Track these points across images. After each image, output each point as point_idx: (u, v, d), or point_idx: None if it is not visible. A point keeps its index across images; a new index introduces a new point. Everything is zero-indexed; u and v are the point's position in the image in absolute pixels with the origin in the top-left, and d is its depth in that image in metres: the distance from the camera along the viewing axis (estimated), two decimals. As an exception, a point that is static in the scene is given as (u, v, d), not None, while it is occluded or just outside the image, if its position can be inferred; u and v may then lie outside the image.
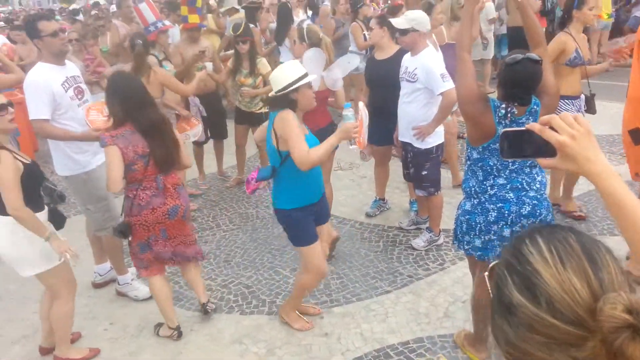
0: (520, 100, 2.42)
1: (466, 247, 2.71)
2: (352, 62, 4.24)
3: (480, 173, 2.60)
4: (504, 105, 2.44)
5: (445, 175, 5.35)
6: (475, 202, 2.63)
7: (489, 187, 2.57)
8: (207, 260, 4.16)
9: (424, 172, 4.05)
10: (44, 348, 3.31)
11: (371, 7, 8.08)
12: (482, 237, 2.62)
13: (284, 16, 6.69)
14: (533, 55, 2.36)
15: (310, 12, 8.96)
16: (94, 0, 8.96)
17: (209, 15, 7.84)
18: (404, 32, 3.81)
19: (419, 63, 3.78)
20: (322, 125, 4.01)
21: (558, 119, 1.03)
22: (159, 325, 3.42)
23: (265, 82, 5.09)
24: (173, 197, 3.11)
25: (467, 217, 2.66)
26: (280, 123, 2.87)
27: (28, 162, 2.87)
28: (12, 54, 7.28)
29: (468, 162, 2.68)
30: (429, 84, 3.75)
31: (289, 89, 2.85)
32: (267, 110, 5.30)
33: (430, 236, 4.24)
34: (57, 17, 10.80)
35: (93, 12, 8.86)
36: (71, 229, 3.66)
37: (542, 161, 1.09)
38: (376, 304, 3.56)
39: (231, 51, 5.74)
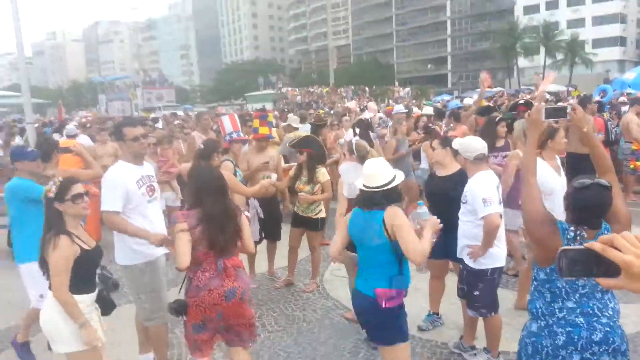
0: (590, 225, 2.35)
1: (531, 371, 2.48)
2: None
3: (548, 295, 2.46)
4: (572, 228, 2.37)
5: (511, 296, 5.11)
6: (543, 324, 2.45)
7: (557, 310, 2.41)
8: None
9: (476, 293, 3.90)
10: None
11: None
12: (549, 362, 2.41)
13: (364, 129, 7.44)
14: (603, 181, 2.33)
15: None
16: (172, 111, 9.93)
17: (274, 130, 8.48)
18: (456, 153, 4.00)
19: (469, 186, 3.85)
20: None
21: (620, 238, 1.00)
22: None
23: (324, 189, 5.33)
24: (231, 279, 3.12)
25: (533, 339, 2.47)
26: (394, 217, 2.89)
27: (89, 247, 3.07)
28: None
29: (535, 283, 2.55)
30: (473, 207, 3.78)
31: (393, 184, 2.99)
32: (323, 216, 5.44)
33: (488, 358, 3.95)
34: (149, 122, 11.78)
35: (177, 122, 9.84)
36: (120, 316, 3.70)
37: (605, 281, 1.04)
38: None
39: (294, 163, 6.15)
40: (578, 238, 2.34)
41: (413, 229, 2.93)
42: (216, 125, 8.59)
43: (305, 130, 8.45)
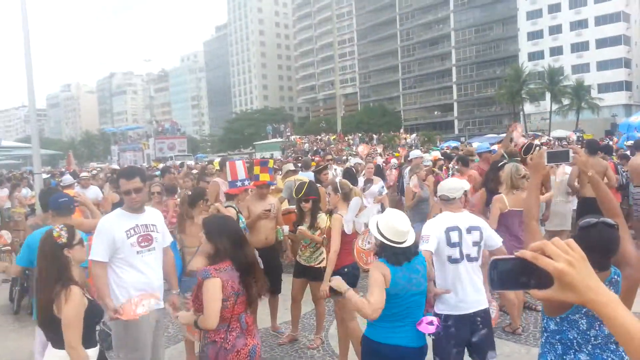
0: (598, 266, 2.23)
1: None
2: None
3: (559, 347, 2.31)
4: None
5: (523, 350, 4.88)
6: (556, 380, 2.29)
7: None
8: None
9: (432, 337, 3.58)
10: None
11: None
12: (566, 422, 2.23)
13: (349, 177, 7.24)
14: (608, 220, 2.25)
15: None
16: (181, 161, 10.03)
17: (278, 177, 8.45)
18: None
19: None
20: (345, 263, 4.68)
21: (551, 244, 0.96)
22: None
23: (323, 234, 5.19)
24: (252, 336, 3.02)
25: (548, 394, 2.30)
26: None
27: (91, 299, 2.99)
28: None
29: (545, 335, 2.40)
30: None
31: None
32: (324, 266, 5.29)
33: None
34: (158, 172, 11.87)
35: (194, 171, 10.01)
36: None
37: (537, 293, 0.99)
38: None
39: (293, 207, 6.04)
40: None
41: None
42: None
43: (308, 177, 8.42)
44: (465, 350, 3.66)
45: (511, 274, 1.00)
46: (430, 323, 3.06)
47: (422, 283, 3.11)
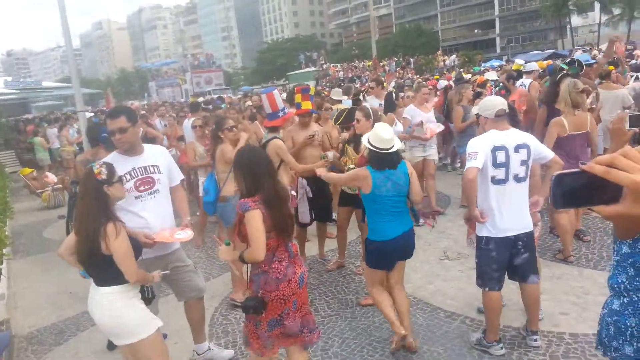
0: None
1: (614, 354, 2.24)
2: None
3: (632, 270, 2.19)
4: None
5: (575, 272, 4.82)
6: (626, 302, 2.18)
7: None
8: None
9: (475, 260, 3.75)
10: None
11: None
12: (635, 344, 2.15)
13: (389, 103, 7.03)
14: None
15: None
16: (219, 95, 10.02)
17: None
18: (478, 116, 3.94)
19: None
20: None
21: (622, 157, 0.88)
22: None
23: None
24: (299, 265, 3.03)
25: (616, 318, 2.20)
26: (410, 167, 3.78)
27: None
28: None
29: (616, 258, 2.27)
30: None
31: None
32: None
33: (478, 339, 3.79)
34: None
35: (247, 104, 10.09)
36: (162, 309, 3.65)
37: (604, 209, 0.92)
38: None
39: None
40: None
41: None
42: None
43: (347, 104, 8.20)
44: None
45: (576, 190, 0.93)
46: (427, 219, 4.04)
47: (404, 188, 3.68)
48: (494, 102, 3.63)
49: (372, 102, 7.45)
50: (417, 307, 4.54)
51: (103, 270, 2.90)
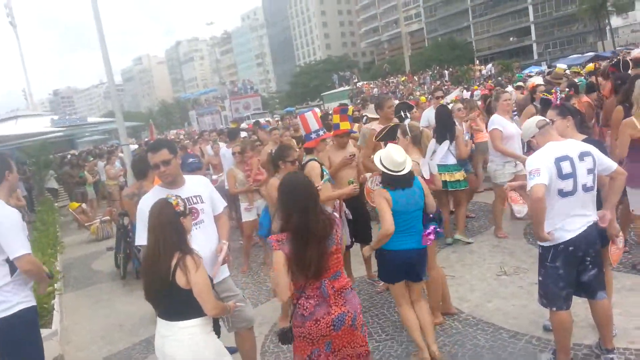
0: None
1: None
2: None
3: None
4: None
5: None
6: None
7: None
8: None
9: (540, 278, 3.46)
10: None
11: None
12: None
13: (442, 117, 6.45)
14: None
15: None
16: (255, 120, 10.02)
17: (356, 124, 8.14)
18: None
19: None
20: None
21: None
22: None
23: None
24: (339, 305, 2.77)
25: None
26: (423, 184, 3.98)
27: None
28: None
29: None
30: None
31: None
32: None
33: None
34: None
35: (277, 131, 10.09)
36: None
37: None
38: None
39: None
40: None
41: None
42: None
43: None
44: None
45: None
46: (429, 234, 3.80)
47: (419, 202, 3.82)
48: (528, 123, 3.56)
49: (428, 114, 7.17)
50: (478, 327, 4.28)
51: (181, 304, 2.78)
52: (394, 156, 3.69)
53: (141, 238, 3.20)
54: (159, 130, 46.93)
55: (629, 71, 7.01)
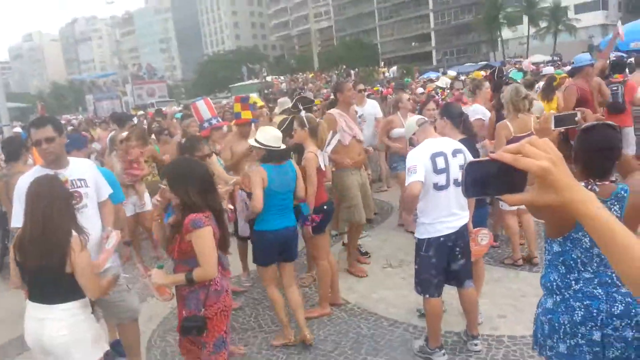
0: (600, 172, 2.20)
1: (549, 353, 2.29)
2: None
3: (563, 268, 2.25)
4: (582, 184, 2.15)
5: (512, 274, 4.94)
6: (559, 299, 2.25)
7: (573, 282, 2.20)
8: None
9: (415, 266, 3.77)
10: None
11: None
12: (568, 341, 2.21)
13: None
14: (610, 122, 2.27)
15: None
16: (157, 108, 9.58)
17: (264, 111, 8.19)
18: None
19: None
20: (323, 200, 4.56)
21: (528, 145, 0.91)
22: None
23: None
24: (228, 276, 3.06)
25: (550, 316, 2.26)
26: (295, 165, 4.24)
27: None
28: None
29: (548, 257, 2.34)
30: None
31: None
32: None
33: (421, 346, 3.83)
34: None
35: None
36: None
37: (511, 197, 0.94)
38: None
39: None
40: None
41: None
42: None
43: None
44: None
45: (486, 178, 0.94)
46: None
47: (292, 184, 4.04)
48: (410, 122, 3.94)
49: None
50: (361, 317, 4.52)
51: (63, 286, 2.66)
52: (274, 132, 4.01)
53: (19, 220, 2.93)
54: (50, 113, 43.37)
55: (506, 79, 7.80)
